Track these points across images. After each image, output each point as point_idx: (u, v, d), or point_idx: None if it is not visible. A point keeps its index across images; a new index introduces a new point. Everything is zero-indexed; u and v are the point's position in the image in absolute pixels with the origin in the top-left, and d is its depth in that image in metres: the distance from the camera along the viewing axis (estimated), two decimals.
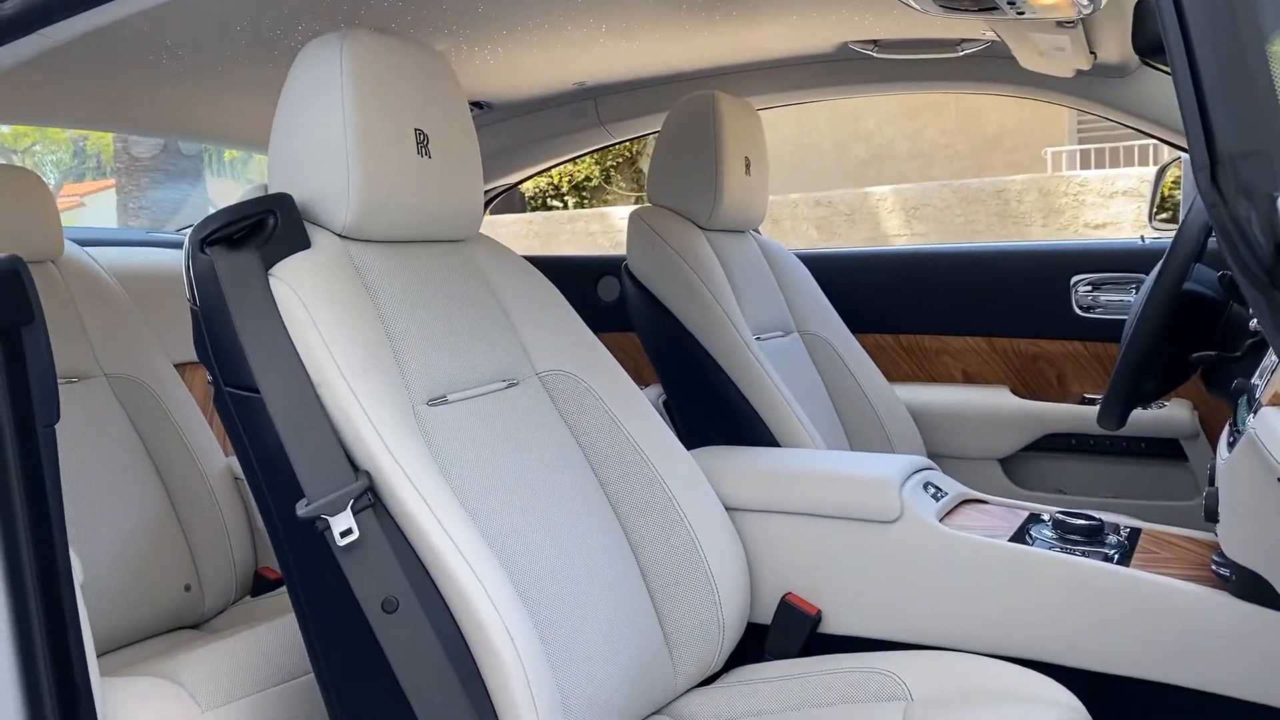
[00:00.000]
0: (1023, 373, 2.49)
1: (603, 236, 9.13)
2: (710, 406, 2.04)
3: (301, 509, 1.14)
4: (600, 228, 9.20)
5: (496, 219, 8.82)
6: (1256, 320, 0.77)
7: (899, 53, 2.18)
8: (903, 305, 2.59)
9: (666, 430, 1.55)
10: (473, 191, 1.45)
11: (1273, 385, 1.15)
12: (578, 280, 2.90)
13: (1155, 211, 2.34)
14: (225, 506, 2.01)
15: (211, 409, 2.34)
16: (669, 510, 1.48)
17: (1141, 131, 2.18)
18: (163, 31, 1.64)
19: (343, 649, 1.21)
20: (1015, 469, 2.48)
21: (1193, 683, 1.35)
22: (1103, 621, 1.40)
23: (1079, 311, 2.40)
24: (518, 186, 3.14)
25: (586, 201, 10.88)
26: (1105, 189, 7.37)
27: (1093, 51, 1.90)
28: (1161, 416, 2.25)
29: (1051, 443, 2.40)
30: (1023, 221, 7.66)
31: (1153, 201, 2.32)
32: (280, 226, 1.26)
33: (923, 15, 1.71)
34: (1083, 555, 1.46)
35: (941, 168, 9.78)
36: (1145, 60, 1.95)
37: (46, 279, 1.96)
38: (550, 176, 10.31)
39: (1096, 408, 2.09)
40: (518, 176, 2.96)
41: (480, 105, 2.57)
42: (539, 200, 10.83)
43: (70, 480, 1.79)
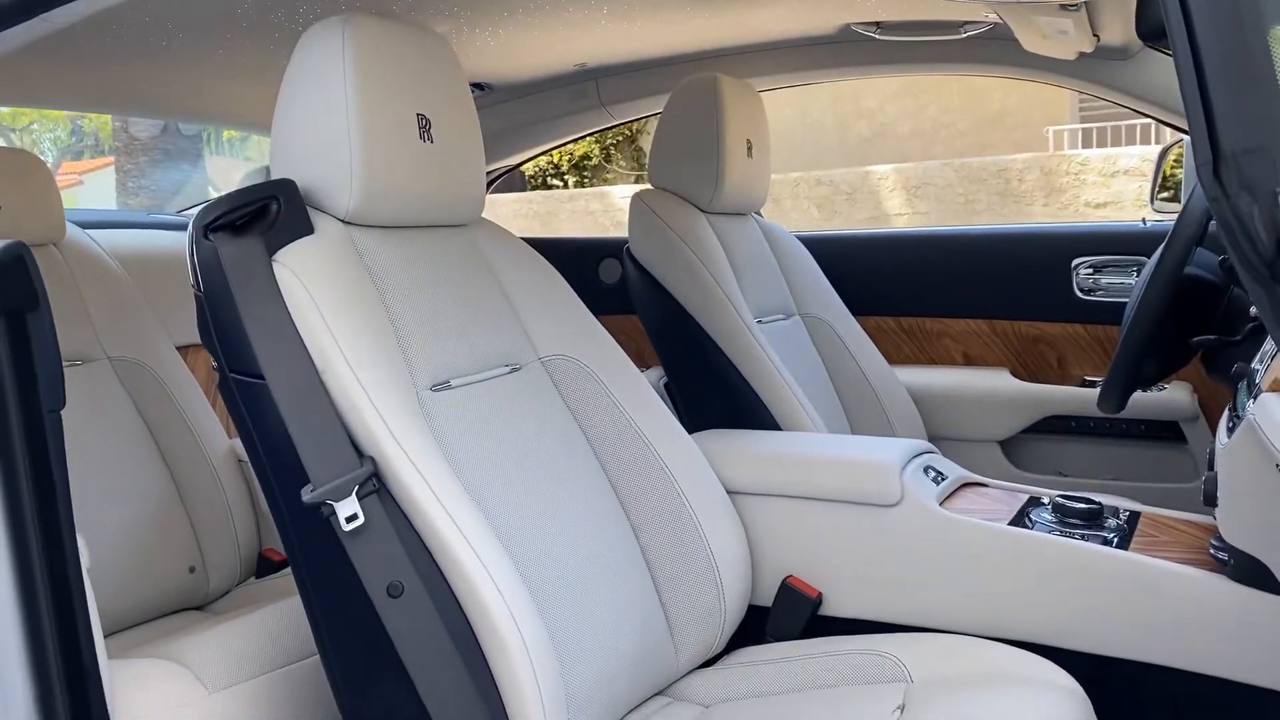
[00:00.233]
0: (1023, 355, 2.50)
1: (603, 215, 9.12)
2: (711, 389, 2.04)
3: (307, 494, 1.15)
4: (600, 206, 9.18)
5: (496, 198, 8.80)
6: (1258, 313, 0.78)
7: (901, 34, 2.18)
8: (904, 288, 2.59)
9: (668, 414, 1.56)
10: (475, 176, 1.45)
11: (1273, 371, 1.16)
12: (579, 262, 2.90)
13: (1157, 191, 2.34)
14: (229, 489, 2.02)
15: (214, 391, 2.35)
16: (671, 494, 1.49)
17: (1144, 114, 2.17)
18: (164, 15, 1.64)
19: (348, 632, 1.22)
20: (1015, 451, 2.49)
21: (1191, 665, 1.36)
22: (1102, 605, 1.41)
23: (1080, 294, 2.40)
24: (518, 167, 3.13)
25: (587, 180, 10.85)
26: (1107, 168, 7.36)
27: (1096, 34, 1.89)
28: (1161, 399, 2.26)
29: (1051, 425, 2.41)
30: (1024, 200, 7.64)
31: (1154, 184, 2.32)
32: (283, 212, 1.26)
33: None
34: (1082, 539, 1.46)
35: (943, 146, 9.75)
36: (1148, 44, 1.94)
37: (49, 262, 1.96)
38: (550, 155, 10.28)
39: (1096, 390, 2.10)
40: (519, 158, 2.96)
41: (481, 87, 2.56)
42: (539, 179, 10.80)
43: (74, 462, 1.80)
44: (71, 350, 1.92)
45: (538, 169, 10.66)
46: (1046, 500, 1.61)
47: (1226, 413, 1.40)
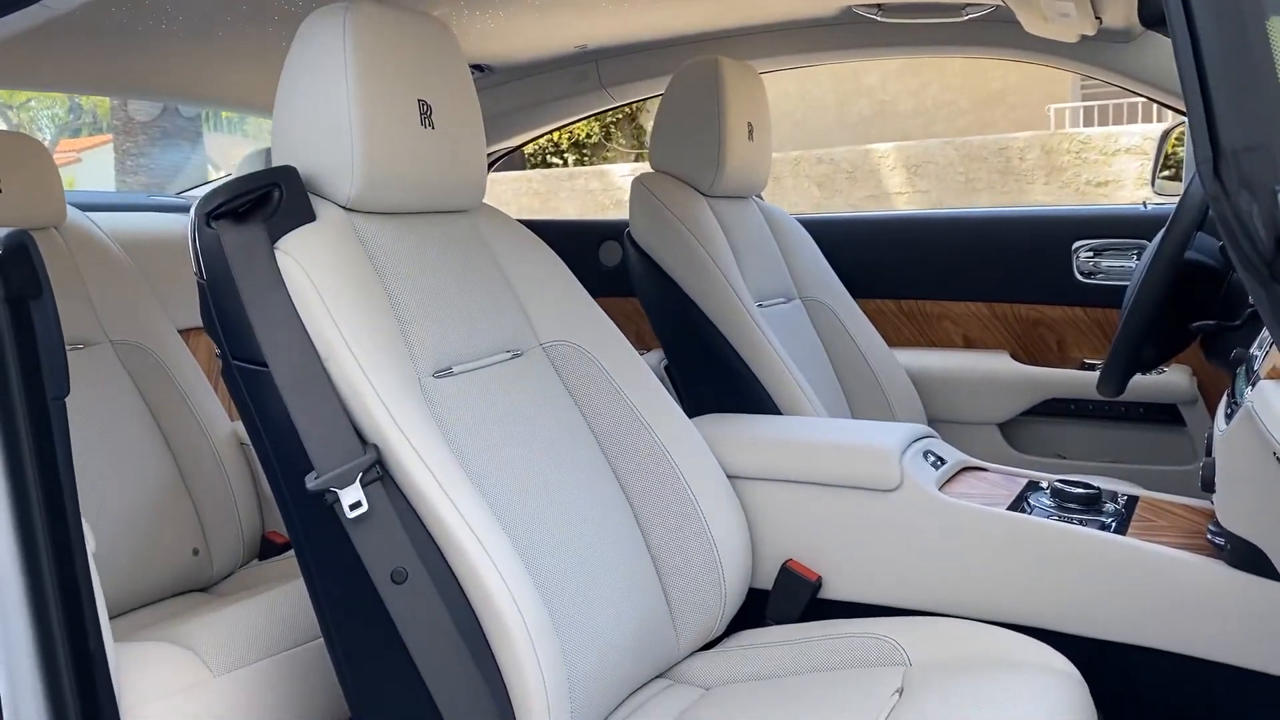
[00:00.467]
0: (1023, 338, 2.50)
1: (603, 194, 9.10)
2: (712, 373, 2.05)
3: (311, 482, 1.15)
4: (600, 185, 9.16)
5: (495, 177, 8.78)
6: (1258, 311, 0.78)
7: (903, 17, 2.17)
8: (904, 270, 2.59)
9: (669, 399, 1.56)
10: (476, 162, 1.45)
11: (1271, 358, 1.16)
12: (579, 245, 2.90)
13: (1159, 169, 2.34)
14: (231, 471, 2.03)
15: (216, 374, 2.36)
16: (672, 479, 1.49)
17: (1145, 96, 2.17)
18: None
19: (352, 617, 1.23)
20: (1015, 434, 2.50)
21: (1187, 649, 1.37)
22: (1099, 589, 1.42)
23: (1080, 277, 2.41)
24: (519, 148, 3.13)
25: (586, 159, 10.82)
26: (1108, 147, 7.34)
27: (1098, 16, 1.89)
28: (1160, 382, 2.26)
29: (1051, 408, 2.42)
30: (1024, 179, 7.63)
31: (1155, 166, 2.31)
32: (285, 199, 1.26)
33: None
34: (1080, 524, 1.47)
35: (944, 124, 9.72)
36: (1149, 29, 1.93)
37: (50, 245, 1.96)
38: (550, 134, 10.24)
39: (1096, 373, 2.10)
40: (519, 139, 2.95)
41: (481, 68, 2.55)
42: (538, 157, 10.77)
43: (77, 446, 1.81)
44: (73, 334, 1.92)
45: (537, 147, 10.64)
46: (1045, 485, 1.62)
47: (1225, 399, 1.40)
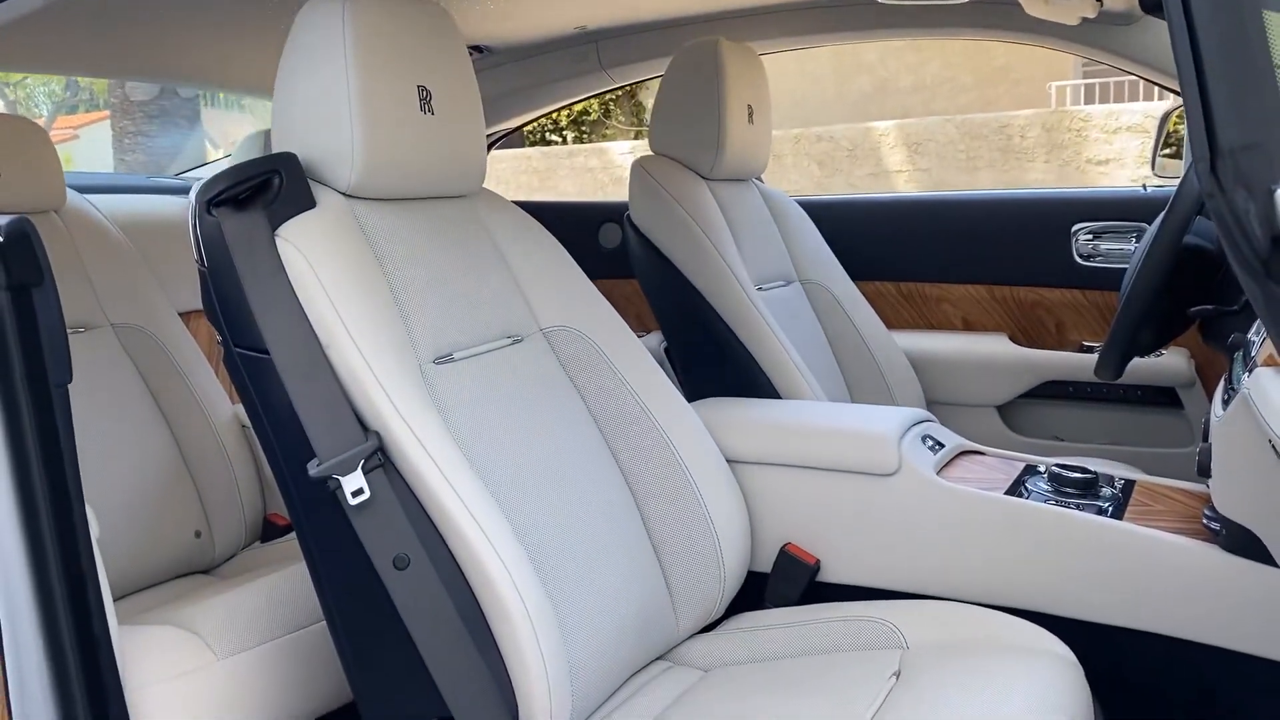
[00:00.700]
0: (1022, 321, 2.50)
1: (602, 172, 9.08)
2: (711, 357, 2.05)
3: (313, 469, 1.16)
4: (599, 163, 9.13)
5: (494, 154, 8.73)
6: (1254, 308, 0.78)
7: None
8: (903, 253, 2.59)
9: (669, 384, 1.57)
10: (476, 147, 1.45)
11: (1269, 345, 1.17)
12: (579, 227, 2.90)
13: (1159, 150, 2.33)
14: (233, 454, 2.04)
15: (217, 356, 2.36)
16: (671, 463, 1.50)
17: (1146, 79, 2.16)
18: None
19: (355, 602, 1.24)
20: (1013, 416, 2.50)
21: (1182, 633, 1.38)
22: (1096, 573, 1.43)
23: (1079, 260, 2.41)
24: (518, 129, 3.12)
25: (585, 136, 10.79)
26: (1109, 124, 7.32)
27: None
28: (1158, 365, 2.27)
29: (1049, 390, 2.43)
30: (1025, 157, 7.61)
31: (1155, 148, 2.31)
32: (285, 186, 1.26)
33: None
34: (1077, 508, 1.48)
35: (945, 101, 9.69)
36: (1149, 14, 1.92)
37: (50, 229, 1.96)
38: None
39: (1094, 356, 2.11)
40: (518, 121, 2.94)
41: (480, 49, 2.55)
42: (537, 134, 10.73)
43: (79, 429, 1.81)
44: (74, 317, 1.93)
45: (536, 125, 10.59)
46: (1042, 469, 1.63)
47: (1222, 384, 1.41)
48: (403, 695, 1.21)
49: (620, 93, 10.50)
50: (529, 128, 10.43)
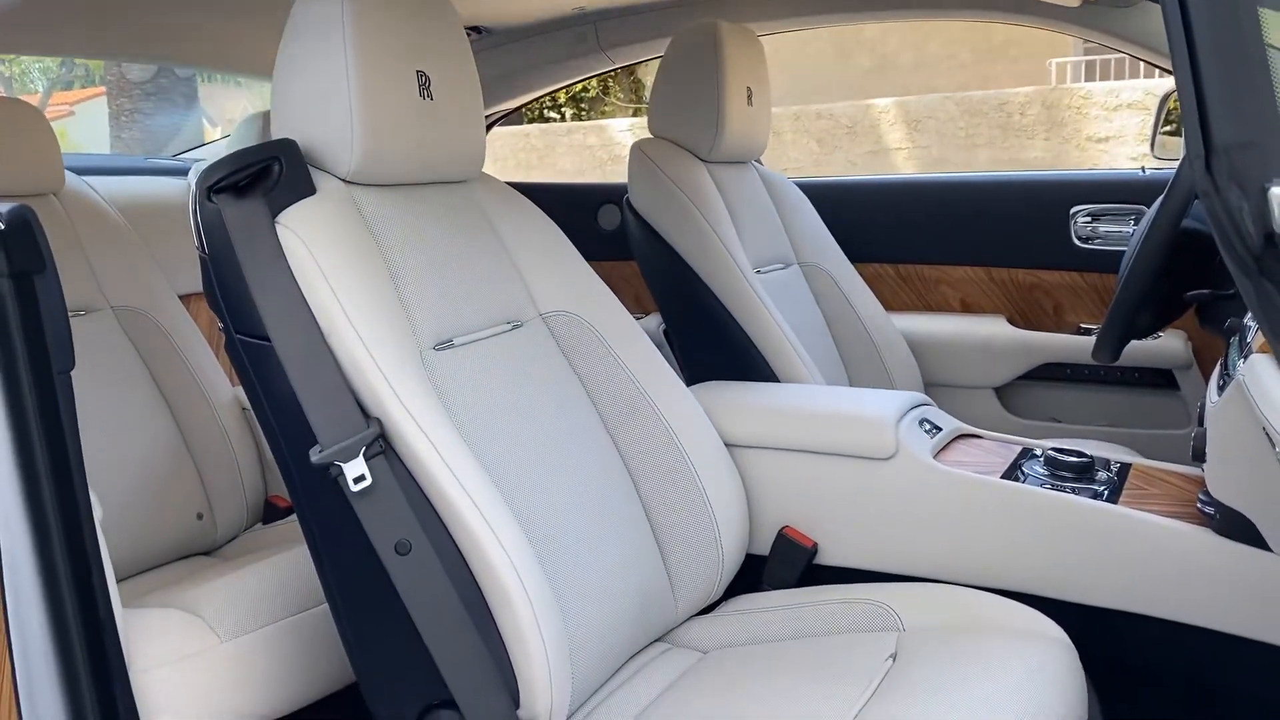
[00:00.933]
0: (1020, 303, 2.51)
1: (601, 149, 9.04)
2: (710, 340, 2.06)
3: (315, 455, 1.17)
4: (598, 140, 9.10)
5: (492, 131, 8.71)
6: (1246, 304, 0.79)
7: None
8: (902, 235, 2.59)
9: (668, 369, 1.58)
10: (475, 132, 1.45)
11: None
12: (578, 209, 2.90)
13: (1159, 130, 2.33)
14: (234, 436, 2.05)
15: (217, 339, 2.37)
16: (670, 448, 1.51)
17: (1146, 61, 2.16)
18: None
19: (357, 587, 1.25)
20: (1011, 398, 2.51)
21: (1176, 616, 1.40)
22: (1091, 557, 1.45)
23: (1078, 242, 2.41)
24: (516, 110, 3.11)
25: (584, 113, 10.74)
26: (1109, 102, 7.29)
27: None
28: (1155, 347, 2.28)
29: (1047, 372, 2.43)
30: (1025, 134, 7.58)
31: (1155, 131, 2.30)
32: (285, 173, 1.26)
33: None
34: (1073, 492, 1.49)
35: (945, 78, 9.64)
36: None
37: (49, 212, 1.96)
38: None
39: (1092, 338, 2.11)
40: (516, 102, 2.94)
41: (478, 30, 2.54)
42: (535, 111, 10.68)
43: (81, 413, 1.82)
44: (74, 301, 1.93)
45: (535, 101, 10.54)
46: (1039, 453, 1.64)
47: (1218, 369, 1.42)
48: (404, 677, 1.23)
49: (619, 70, 10.45)
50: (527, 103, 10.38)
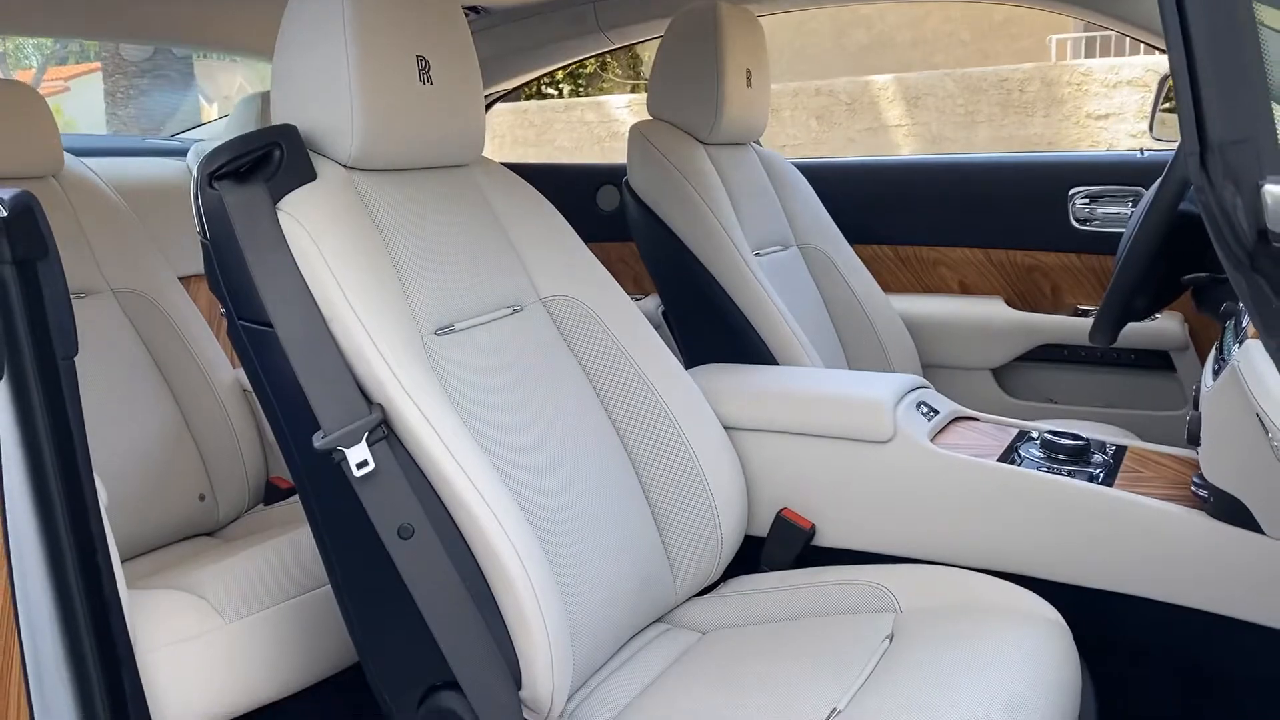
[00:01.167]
0: (1018, 284, 2.52)
1: (599, 126, 9.01)
2: (709, 323, 2.07)
3: (318, 441, 1.18)
4: (596, 117, 9.06)
5: (490, 109, 8.67)
6: (1239, 299, 0.80)
7: None
8: (900, 216, 2.60)
9: (667, 352, 1.59)
10: (475, 116, 1.46)
11: None
12: (577, 189, 2.90)
13: (1158, 111, 2.32)
14: (235, 418, 2.06)
15: (218, 320, 2.37)
16: (670, 431, 1.52)
17: (1146, 43, 2.15)
18: None
19: (360, 570, 1.26)
20: (1008, 379, 2.53)
21: (1170, 598, 1.41)
22: (1085, 539, 1.46)
23: (1076, 224, 2.41)
24: (514, 91, 3.10)
25: (582, 89, 10.69)
26: (1109, 79, 7.26)
27: None
28: (1152, 329, 2.29)
29: (1044, 353, 2.44)
30: (1025, 111, 7.55)
31: (1154, 112, 2.30)
32: (286, 159, 1.26)
33: None
34: (1069, 475, 1.51)
35: (945, 55, 9.59)
36: None
37: (48, 194, 1.96)
38: None
39: (1089, 320, 2.12)
40: (515, 82, 2.93)
41: (476, 10, 2.53)
42: (533, 87, 10.62)
43: (82, 395, 1.83)
44: (75, 283, 1.93)
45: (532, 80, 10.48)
46: (1035, 435, 1.65)
47: (1214, 353, 1.43)
48: (407, 659, 1.24)
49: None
50: None
